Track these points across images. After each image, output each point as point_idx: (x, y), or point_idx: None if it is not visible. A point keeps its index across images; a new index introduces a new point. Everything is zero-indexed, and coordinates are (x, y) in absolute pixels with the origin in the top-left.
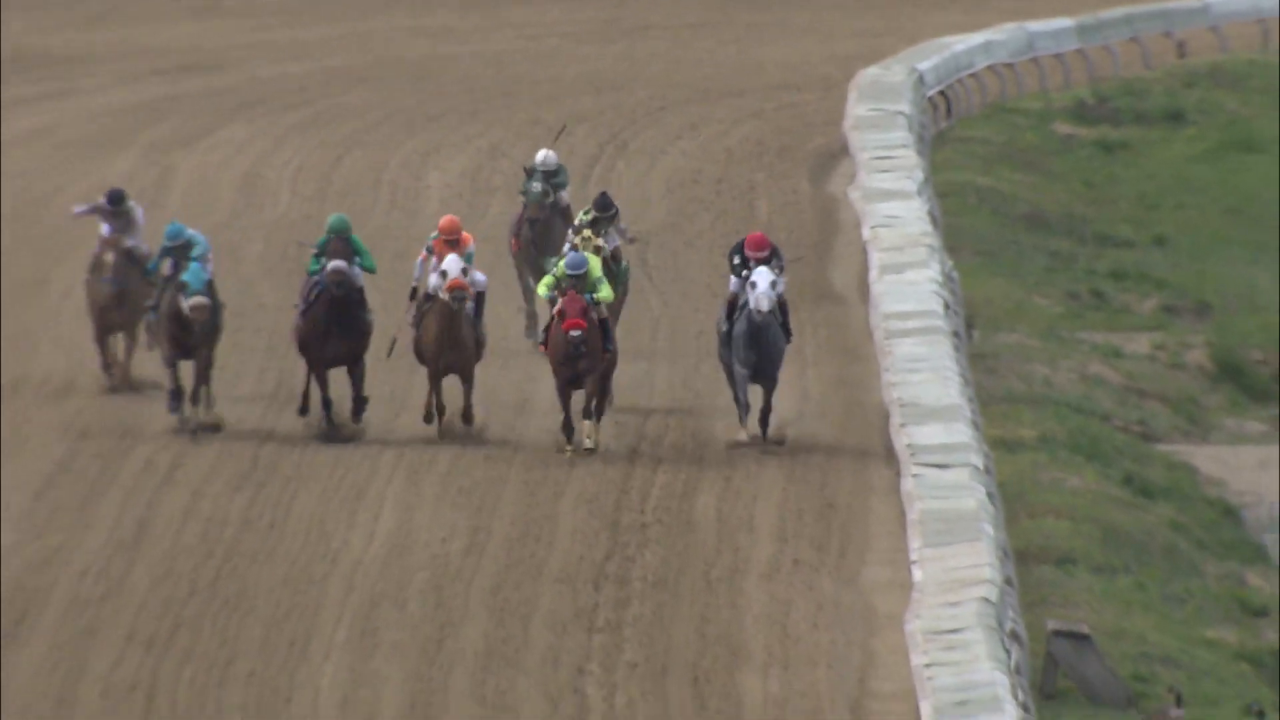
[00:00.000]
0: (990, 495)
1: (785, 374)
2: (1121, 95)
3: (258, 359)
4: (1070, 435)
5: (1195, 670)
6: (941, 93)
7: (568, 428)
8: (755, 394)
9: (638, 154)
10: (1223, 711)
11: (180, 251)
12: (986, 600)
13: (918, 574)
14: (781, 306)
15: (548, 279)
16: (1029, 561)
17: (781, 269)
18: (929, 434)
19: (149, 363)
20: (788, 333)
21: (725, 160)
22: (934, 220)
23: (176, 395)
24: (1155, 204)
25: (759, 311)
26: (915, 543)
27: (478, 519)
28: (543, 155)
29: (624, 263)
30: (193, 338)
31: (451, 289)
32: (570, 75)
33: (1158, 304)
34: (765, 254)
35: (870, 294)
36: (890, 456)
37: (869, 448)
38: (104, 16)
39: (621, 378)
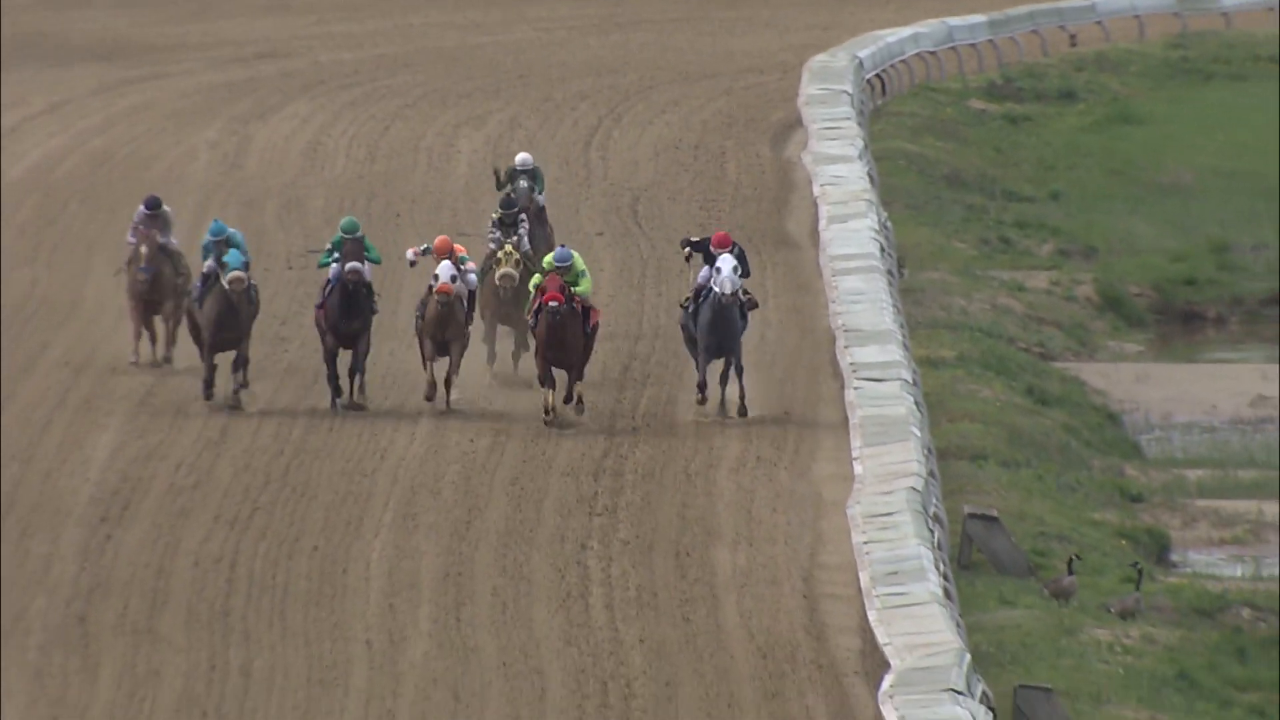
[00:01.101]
0: (917, 403)
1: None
2: (1024, 77)
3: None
4: (982, 354)
5: (1083, 545)
6: (877, 75)
7: (547, 382)
8: (726, 380)
9: (630, 125)
10: (1106, 578)
11: (222, 246)
12: (914, 489)
13: (858, 468)
14: (741, 295)
15: (535, 279)
16: (948, 457)
17: (745, 261)
18: (867, 354)
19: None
20: (745, 319)
21: (701, 130)
22: (872, 180)
23: (210, 384)
24: (1051, 166)
25: (723, 294)
26: (856, 442)
27: (499, 424)
28: (522, 157)
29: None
30: (235, 318)
31: (439, 293)
32: (575, 61)
33: (1053, 248)
34: (729, 247)
35: (820, 240)
36: (836, 372)
37: (819, 365)
38: (194, 14)
39: (616, 308)
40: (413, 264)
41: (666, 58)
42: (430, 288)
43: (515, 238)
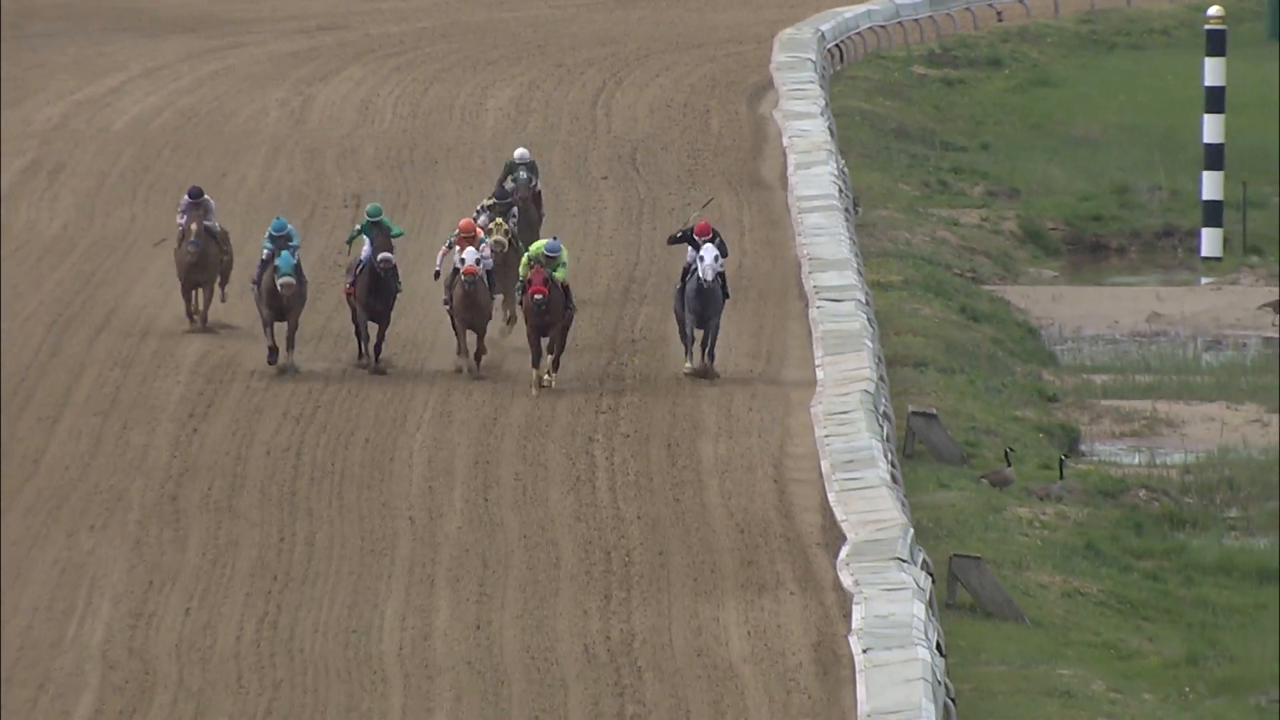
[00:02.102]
0: (869, 320)
1: (735, 235)
2: (959, 48)
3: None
4: (923, 279)
5: (1008, 437)
6: (837, 45)
7: (537, 362)
8: (704, 346)
9: (630, 87)
10: (1026, 465)
11: (281, 240)
12: (867, 391)
13: (820, 374)
14: (721, 275)
15: (525, 259)
16: (895, 365)
17: (724, 247)
18: (828, 278)
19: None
20: (725, 294)
21: (689, 91)
22: (832, 133)
23: (274, 351)
24: (981, 122)
25: (705, 280)
26: (818, 352)
27: (520, 341)
28: (520, 152)
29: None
30: (283, 306)
31: (466, 274)
32: (584, 33)
33: (983, 190)
34: (710, 236)
35: (788, 183)
36: (801, 294)
37: (787, 288)
38: None
39: (617, 241)
40: (438, 272)
41: (660, 30)
42: (456, 271)
43: (510, 218)
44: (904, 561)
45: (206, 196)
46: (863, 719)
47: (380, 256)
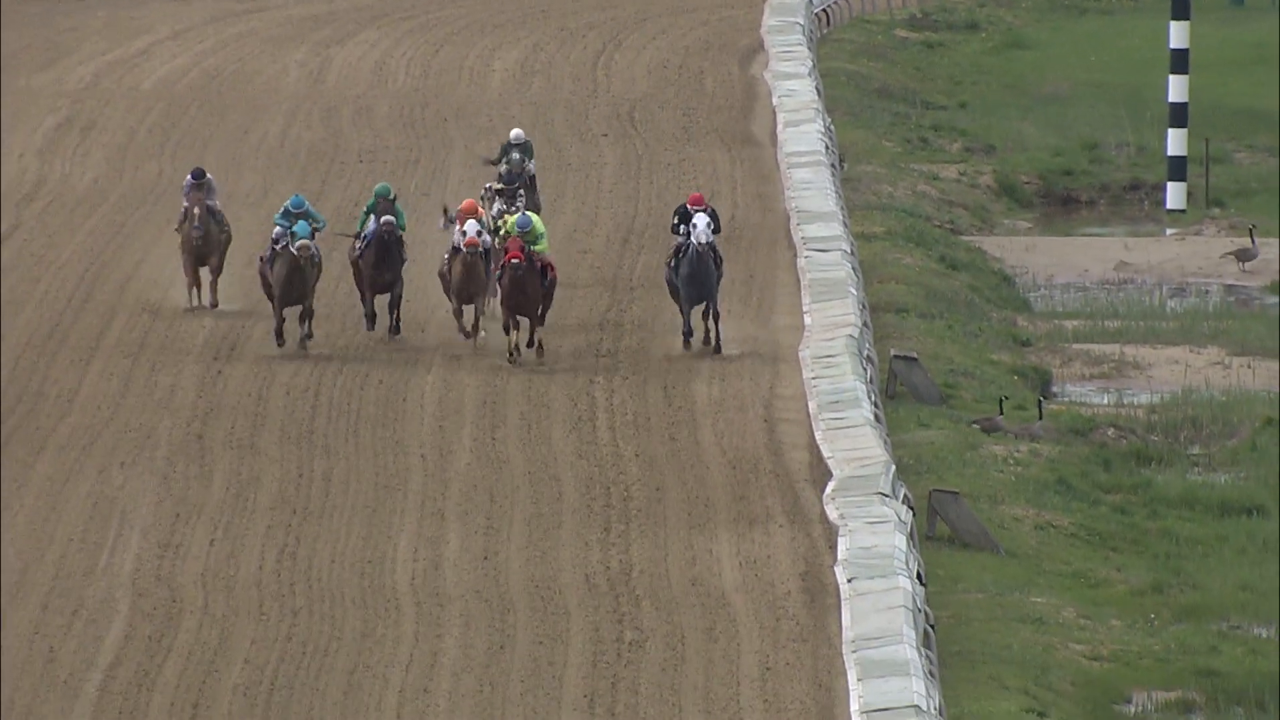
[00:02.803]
0: (854, 269)
1: (728, 189)
2: (938, 12)
3: (395, 185)
4: (905, 230)
5: (984, 379)
6: (823, 10)
7: (510, 353)
8: (707, 316)
9: (628, 49)
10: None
11: (299, 217)
12: (852, 336)
13: (808, 319)
14: (714, 247)
15: (500, 236)
16: (879, 311)
17: (716, 220)
18: (815, 229)
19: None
20: (719, 267)
21: (684, 53)
22: (819, 92)
23: (280, 334)
24: (959, 82)
25: (699, 242)
26: (806, 299)
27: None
28: (515, 133)
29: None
30: (301, 278)
31: (469, 245)
32: None
33: (961, 146)
34: (702, 206)
35: (777, 140)
36: (790, 244)
37: (777, 239)
38: None
39: (617, 194)
40: (443, 227)
41: None
42: (455, 246)
43: (515, 208)
44: (886, 496)
45: (209, 176)
46: (848, 644)
47: (384, 219)
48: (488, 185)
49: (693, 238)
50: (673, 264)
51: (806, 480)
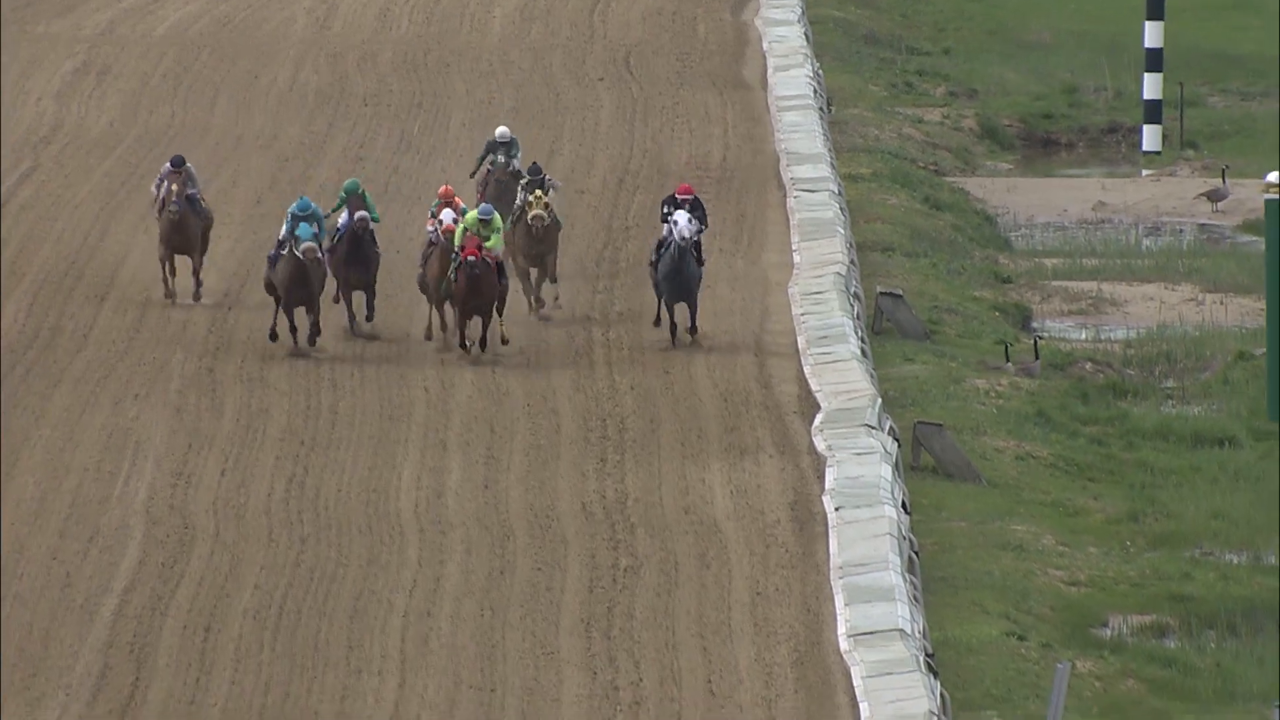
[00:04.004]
0: (841, 208)
1: (719, 131)
2: None
3: (399, 128)
4: (891, 171)
5: (967, 315)
6: None
7: (462, 342)
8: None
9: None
10: (983, 341)
11: (304, 218)
12: (839, 274)
13: (796, 257)
14: (697, 245)
15: (460, 227)
16: (865, 250)
17: (702, 212)
18: (804, 171)
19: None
20: (700, 263)
21: (678, 0)
22: (808, 38)
23: (275, 333)
24: (943, 28)
25: (681, 238)
26: (795, 238)
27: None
28: (501, 130)
29: (559, 220)
30: (306, 281)
31: (445, 232)
32: None
33: (945, 90)
34: (689, 199)
35: (768, 84)
36: (780, 185)
37: (766, 179)
38: None
39: (613, 137)
40: (432, 234)
41: None
42: (429, 241)
43: (554, 188)
44: (872, 428)
45: (189, 165)
46: (835, 570)
47: (357, 215)
48: (520, 184)
49: (674, 233)
50: (654, 259)
51: (795, 412)
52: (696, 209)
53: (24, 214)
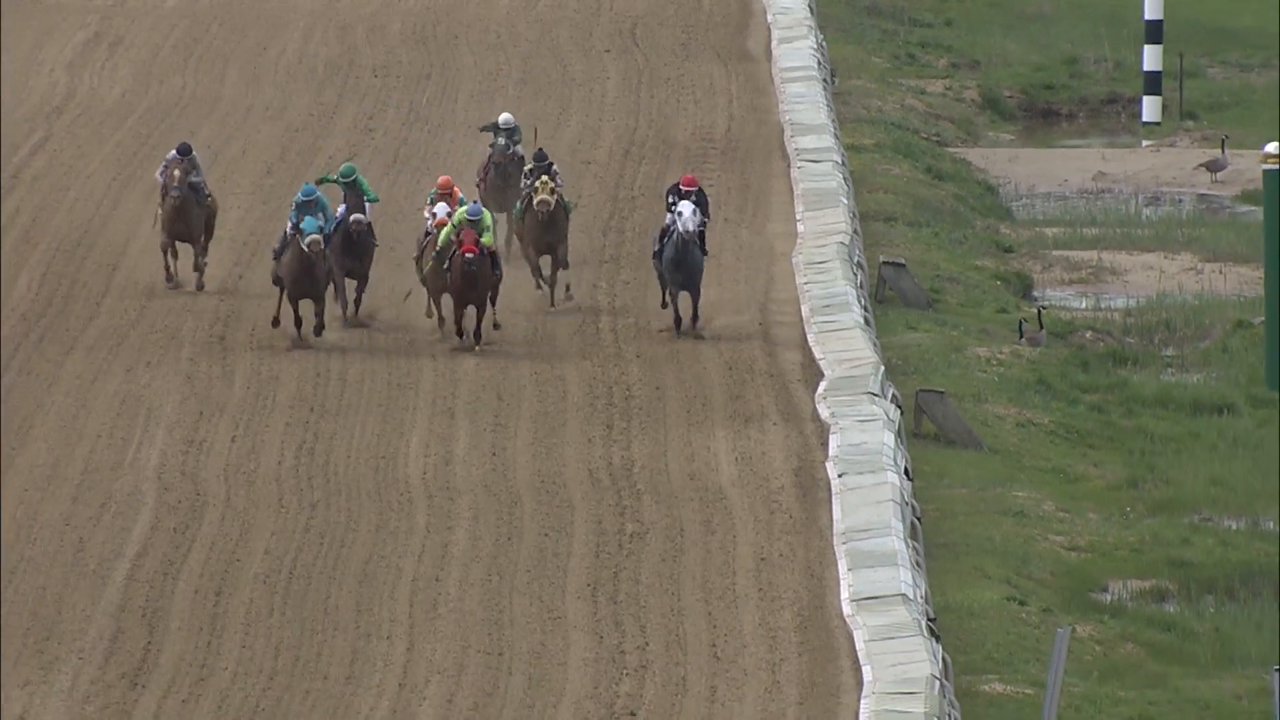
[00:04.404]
0: (845, 178)
1: (724, 103)
2: None
3: (408, 99)
4: (894, 142)
5: (969, 284)
6: None
7: (459, 332)
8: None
9: None
10: (984, 310)
11: (308, 207)
12: (842, 243)
13: (800, 227)
14: (700, 235)
15: (450, 225)
16: (868, 219)
17: (705, 204)
18: (808, 141)
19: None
20: (704, 251)
21: None
22: (812, 10)
23: (278, 321)
24: (946, 0)
25: (685, 231)
26: (799, 208)
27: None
28: (504, 117)
29: (568, 201)
30: (311, 273)
31: (438, 227)
32: None
33: (947, 62)
34: (693, 190)
35: (772, 55)
36: (784, 155)
37: (771, 150)
38: None
39: (619, 107)
40: (429, 223)
41: None
42: (426, 232)
43: (548, 176)
44: (875, 395)
45: (195, 154)
46: (838, 536)
47: (353, 218)
48: (525, 170)
49: (678, 225)
50: (657, 248)
51: (799, 380)
52: (700, 200)
53: (37, 184)
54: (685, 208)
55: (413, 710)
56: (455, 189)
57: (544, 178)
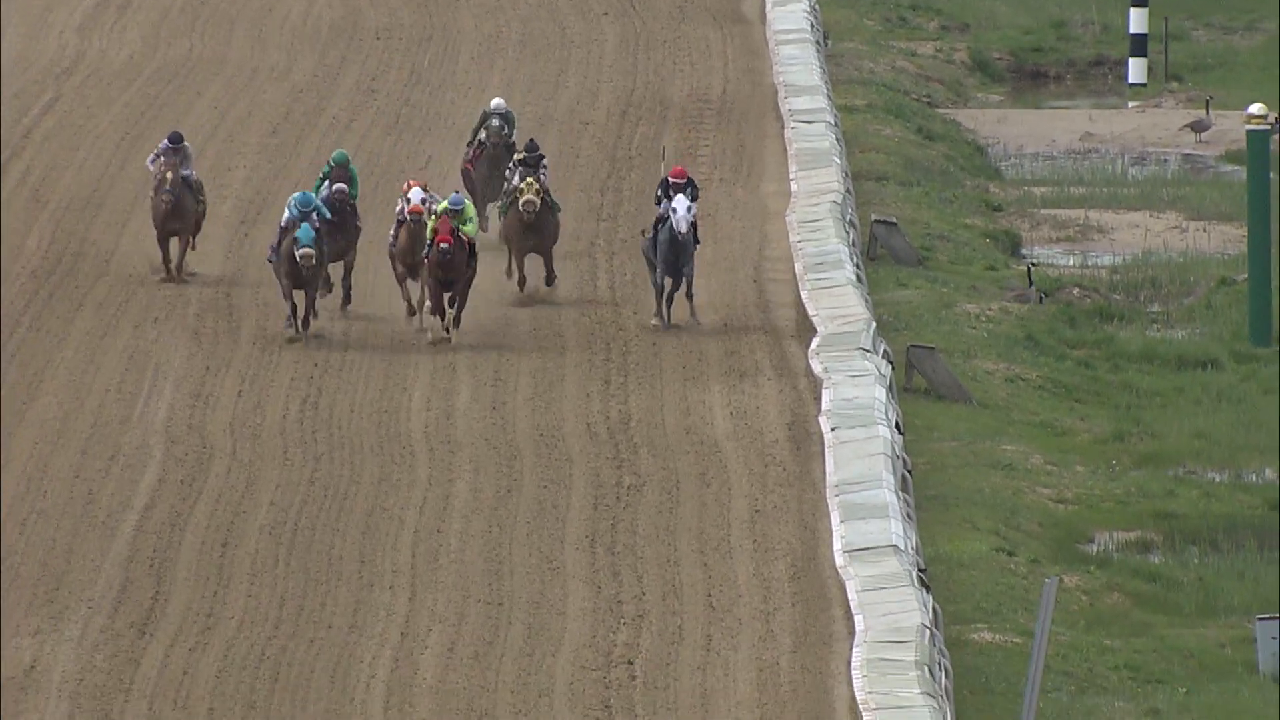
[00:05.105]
0: (838, 139)
1: (720, 65)
2: None
3: (410, 61)
4: (885, 103)
5: (959, 242)
6: None
7: (440, 313)
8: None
9: None
10: (974, 267)
11: (305, 215)
12: (835, 202)
13: (794, 186)
14: (693, 224)
15: (432, 220)
16: (860, 179)
17: (695, 196)
18: (801, 103)
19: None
20: (697, 240)
21: None
22: None
23: (291, 318)
24: None
25: (680, 231)
26: (793, 168)
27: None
28: (496, 101)
29: (555, 200)
30: (302, 276)
31: (412, 213)
32: None
33: (938, 24)
34: (683, 182)
35: (766, 18)
36: (778, 116)
37: (765, 111)
38: None
39: (617, 69)
40: (399, 212)
41: None
42: (399, 222)
43: (536, 174)
44: (867, 351)
45: (186, 144)
46: (831, 488)
47: (335, 186)
48: (513, 159)
49: (674, 223)
50: (651, 237)
51: (793, 336)
52: (692, 190)
53: (47, 143)
54: (680, 205)
55: (415, 658)
56: (424, 186)
57: (530, 179)
